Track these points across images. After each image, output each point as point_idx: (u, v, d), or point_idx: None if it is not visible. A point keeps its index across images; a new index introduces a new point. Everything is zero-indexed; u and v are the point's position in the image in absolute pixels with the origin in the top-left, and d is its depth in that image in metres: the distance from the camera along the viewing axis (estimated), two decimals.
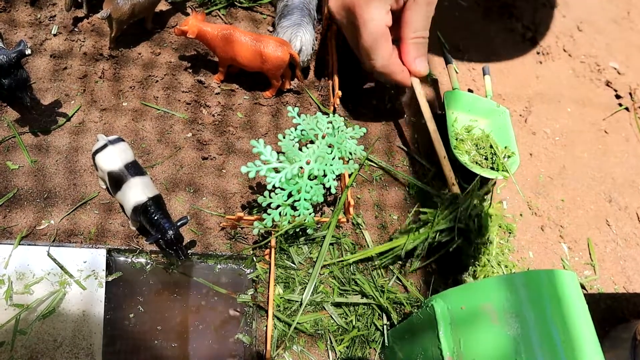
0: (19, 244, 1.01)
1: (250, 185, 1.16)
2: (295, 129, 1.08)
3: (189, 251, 1.06)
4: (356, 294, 1.08)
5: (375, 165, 1.25)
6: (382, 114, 1.33)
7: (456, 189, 1.12)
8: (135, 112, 1.19)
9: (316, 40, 1.30)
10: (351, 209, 1.11)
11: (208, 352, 1.01)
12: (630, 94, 1.57)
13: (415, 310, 1.05)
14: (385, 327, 1.06)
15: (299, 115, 1.08)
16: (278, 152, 1.04)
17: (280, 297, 1.04)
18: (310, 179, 1.06)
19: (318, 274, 1.06)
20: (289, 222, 1.05)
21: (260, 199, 1.03)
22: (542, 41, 1.60)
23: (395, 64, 1.16)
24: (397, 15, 1.14)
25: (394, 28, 1.15)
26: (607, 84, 1.58)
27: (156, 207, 1.00)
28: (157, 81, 1.23)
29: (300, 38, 1.22)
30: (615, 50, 1.65)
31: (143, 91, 1.22)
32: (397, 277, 1.12)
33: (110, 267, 1.03)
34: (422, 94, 1.18)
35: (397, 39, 1.18)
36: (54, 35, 1.23)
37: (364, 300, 1.07)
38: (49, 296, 0.98)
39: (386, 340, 1.04)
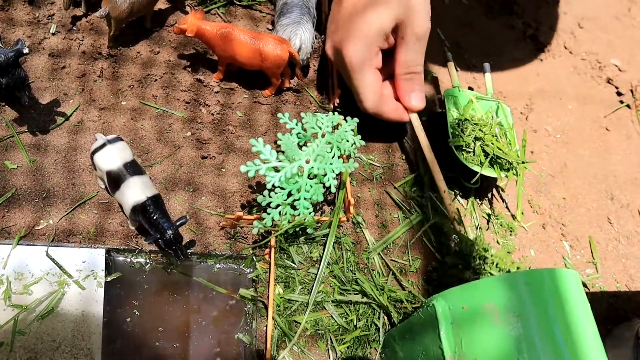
0: (18, 244, 1.00)
1: (249, 185, 1.15)
2: (291, 134, 1.07)
3: (188, 251, 1.06)
4: (357, 294, 1.07)
5: (375, 164, 1.24)
6: None
7: (457, 225, 1.12)
8: (134, 111, 1.18)
9: (315, 38, 1.29)
10: (351, 208, 1.11)
11: (208, 351, 1.01)
12: (631, 91, 1.56)
13: (416, 309, 1.05)
14: (386, 326, 1.05)
15: (290, 119, 1.08)
16: (277, 151, 1.03)
17: (281, 297, 1.04)
18: (310, 178, 1.05)
19: (320, 273, 1.06)
20: (288, 222, 1.04)
21: (259, 198, 1.02)
22: (543, 38, 1.60)
23: (386, 104, 1.17)
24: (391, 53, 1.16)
25: (389, 63, 1.17)
26: (609, 81, 1.57)
27: (155, 206, 0.99)
28: (156, 80, 1.23)
29: (300, 36, 1.21)
30: (617, 47, 1.64)
31: (142, 90, 1.21)
32: (398, 277, 1.11)
33: (109, 267, 1.03)
34: (420, 128, 1.18)
35: (391, 75, 1.19)
36: (53, 34, 1.22)
37: (365, 299, 1.06)
38: (47, 296, 0.97)
39: (387, 340, 1.04)
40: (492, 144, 1.19)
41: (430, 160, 1.14)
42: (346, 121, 1.11)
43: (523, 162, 1.21)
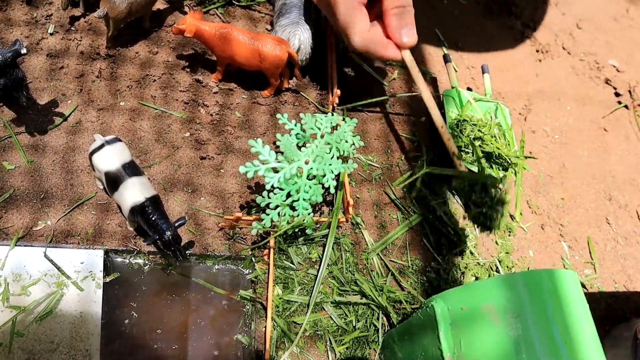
0: (15, 245, 1.00)
1: (248, 185, 1.15)
2: (290, 135, 1.07)
3: (187, 252, 1.06)
4: (356, 294, 1.07)
5: (374, 164, 1.24)
6: (381, 112, 1.32)
7: (457, 161, 1.05)
8: (132, 111, 1.18)
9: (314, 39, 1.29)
10: (350, 209, 1.11)
11: (207, 352, 1.01)
12: (629, 91, 1.57)
13: (416, 310, 1.05)
14: (385, 327, 1.05)
15: (289, 120, 1.08)
16: (277, 152, 1.03)
17: (280, 298, 1.04)
18: (309, 179, 1.05)
19: (320, 275, 1.06)
20: (287, 223, 1.04)
21: (258, 199, 1.02)
22: (542, 39, 1.60)
23: (375, 39, 1.09)
24: None
25: (374, 5, 1.10)
26: (607, 81, 1.58)
27: (154, 207, 0.99)
28: (155, 80, 1.23)
29: (299, 37, 1.21)
30: (615, 48, 1.64)
31: (140, 90, 1.21)
32: (397, 277, 1.11)
33: (107, 268, 1.03)
34: (414, 64, 1.10)
35: (379, 16, 1.11)
36: (51, 34, 1.22)
37: (364, 300, 1.06)
38: (46, 298, 0.97)
39: (386, 341, 1.03)
40: (492, 143, 1.19)
41: (426, 97, 1.07)
42: (345, 122, 1.11)
43: (526, 158, 1.19)
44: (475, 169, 1.19)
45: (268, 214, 1.03)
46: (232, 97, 1.25)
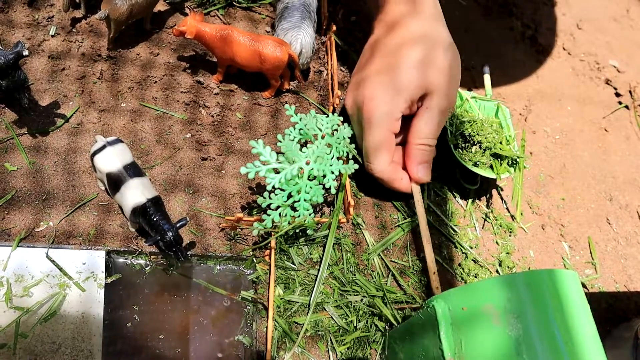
0: (18, 246, 1.00)
1: (249, 186, 1.16)
2: (294, 128, 1.07)
3: (188, 252, 1.06)
4: (357, 295, 1.07)
5: None
6: None
7: (435, 278, 1.06)
8: (133, 113, 1.18)
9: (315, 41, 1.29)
10: (351, 209, 1.11)
11: (208, 353, 1.01)
12: (630, 92, 1.57)
13: (416, 310, 1.05)
14: (385, 327, 1.05)
15: (296, 114, 1.08)
16: (277, 153, 1.03)
17: (281, 298, 1.04)
18: (310, 180, 1.05)
19: (320, 275, 1.06)
20: (288, 223, 1.04)
21: (259, 199, 1.02)
22: (542, 40, 1.60)
23: (394, 172, 1.12)
24: (410, 120, 1.12)
25: (403, 130, 1.12)
26: (607, 82, 1.58)
27: (155, 208, 0.99)
28: (156, 82, 1.23)
29: (301, 41, 1.21)
30: (615, 49, 1.65)
31: (141, 92, 1.21)
32: (397, 278, 1.12)
33: (109, 269, 1.03)
34: (420, 202, 1.12)
35: (404, 143, 1.15)
36: (52, 36, 1.22)
37: (365, 300, 1.07)
38: (49, 299, 0.97)
39: (387, 341, 1.04)
40: (492, 141, 1.19)
41: (424, 235, 1.08)
42: (345, 123, 1.11)
43: (530, 153, 1.19)
44: (476, 170, 1.19)
45: (269, 215, 1.03)
46: (233, 98, 1.25)
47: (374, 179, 1.15)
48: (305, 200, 1.04)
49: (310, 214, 1.05)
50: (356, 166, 1.08)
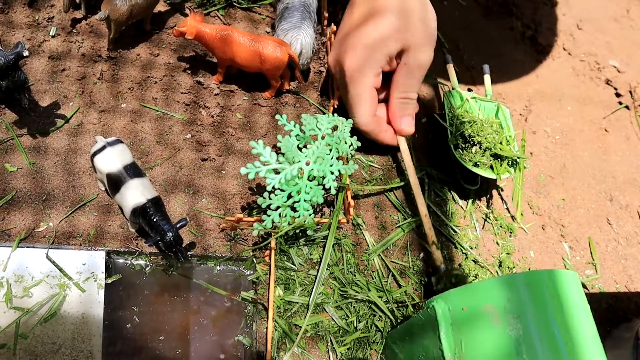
0: (18, 247, 1.00)
1: (249, 187, 1.16)
2: (290, 136, 1.07)
3: (188, 253, 1.06)
4: (357, 295, 1.07)
5: (375, 166, 1.25)
6: None
7: (435, 249, 1.11)
8: (133, 113, 1.18)
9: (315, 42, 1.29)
10: (351, 210, 1.11)
11: (208, 353, 1.01)
12: (630, 92, 1.57)
13: (417, 311, 1.05)
14: (386, 328, 1.05)
15: (289, 121, 1.08)
16: (277, 153, 1.03)
17: (281, 299, 1.04)
18: (310, 180, 1.05)
19: (320, 275, 1.06)
20: (288, 223, 1.04)
21: (259, 200, 1.02)
22: (542, 40, 1.60)
23: (378, 123, 1.18)
24: (390, 76, 1.18)
25: (385, 88, 1.19)
26: (607, 82, 1.58)
27: (155, 209, 0.99)
28: (156, 82, 1.23)
29: (301, 41, 1.21)
30: (615, 49, 1.64)
31: (142, 92, 1.21)
32: (397, 278, 1.11)
33: (109, 269, 1.03)
34: (407, 152, 1.19)
35: (386, 99, 1.21)
36: (52, 36, 1.23)
37: (365, 301, 1.07)
38: (49, 299, 0.97)
39: (387, 342, 1.04)
40: (492, 141, 1.19)
41: (413, 184, 1.15)
42: (343, 122, 1.11)
43: (530, 153, 1.20)
44: (476, 170, 1.19)
45: (269, 215, 1.03)
46: (233, 99, 1.25)
47: (365, 137, 1.19)
48: (305, 200, 1.04)
49: (310, 215, 1.05)
50: (356, 166, 1.08)
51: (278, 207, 1.03)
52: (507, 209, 1.28)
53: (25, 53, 1.01)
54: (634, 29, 1.72)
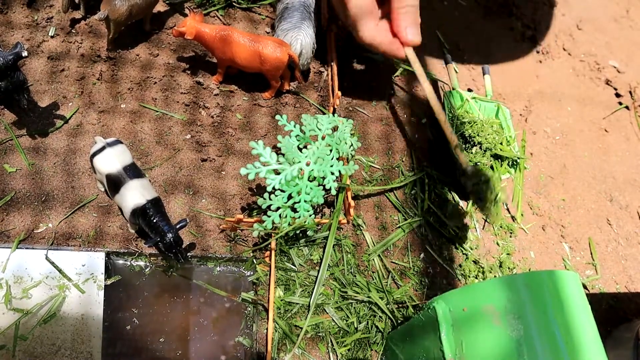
0: (17, 248, 1.00)
1: (249, 187, 1.15)
2: (290, 136, 1.07)
3: (188, 254, 1.06)
4: (357, 296, 1.07)
5: (375, 166, 1.24)
6: (381, 114, 1.32)
7: (460, 152, 1.11)
8: (133, 113, 1.18)
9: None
10: (351, 210, 1.11)
11: (208, 354, 1.01)
12: (630, 92, 1.57)
13: (417, 311, 1.05)
14: (386, 329, 1.05)
15: (289, 122, 1.08)
16: (278, 154, 1.03)
17: (281, 300, 1.04)
18: (310, 180, 1.05)
19: (320, 276, 1.06)
20: (289, 224, 1.04)
21: (260, 201, 1.02)
22: (542, 40, 1.60)
23: (382, 35, 1.15)
24: None
25: (387, 5, 1.16)
26: (607, 82, 1.58)
27: (155, 209, 0.99)
28: (155, 82, 1.23)
29: (301, 41, 1.21)
30: (615, 49, 1.64)
31: (141, 93, 1.21)
32: (398, 279, 1.11)
33: (109, 270, 1.03)
34: (416, 60, 1.16)
35: (389, 15, 1.17)
36: (51, 36, 1.22)
37: (365, 301, 1.06)
38: (48, 300, 0.97)
39: (387, 342, 1.03)
40: (492, 141, 1.19)
41: (428, 91, 1.14)
42: (342, 123, 1.11)
43: (530, 154, 1.20)
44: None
45: (269, 216, 1.03)
46: (233, 99, 1.25)
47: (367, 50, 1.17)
48: (305, 201, 1.04)
49: (310, 215, 1.05)
50: (356, 167, 1.08)
51: (278, 208, 1.03)
52: (508, 209, 1.28)
53: (24, 53, 1.00)
54: (633, 29, 1.72)
